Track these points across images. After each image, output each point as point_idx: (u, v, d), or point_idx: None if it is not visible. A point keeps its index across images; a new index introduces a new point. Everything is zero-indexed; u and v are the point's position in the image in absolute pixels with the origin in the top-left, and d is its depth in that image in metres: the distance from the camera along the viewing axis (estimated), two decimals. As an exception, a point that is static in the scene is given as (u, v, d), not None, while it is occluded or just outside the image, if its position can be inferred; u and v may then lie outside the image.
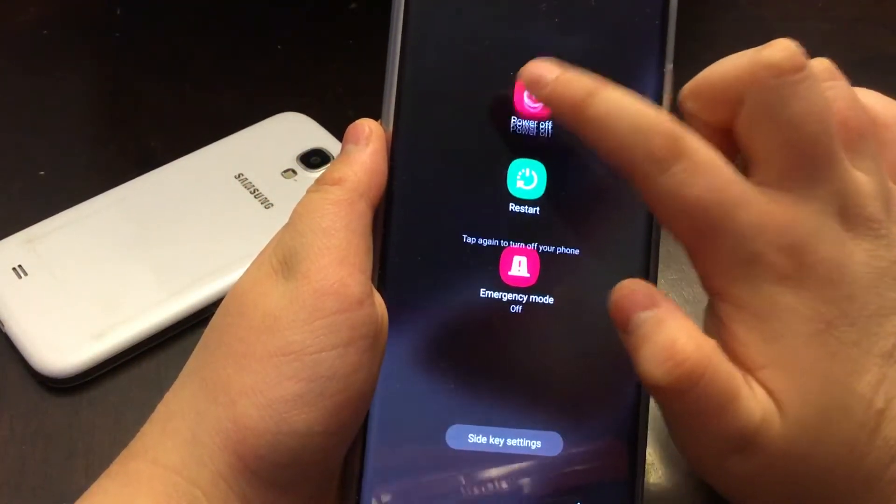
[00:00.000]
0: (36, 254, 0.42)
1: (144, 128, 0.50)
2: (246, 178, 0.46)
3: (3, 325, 0.40)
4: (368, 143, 0.29)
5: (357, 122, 0.30)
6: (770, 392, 0.27)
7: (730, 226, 0.27)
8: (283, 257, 0.28)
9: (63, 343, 0.39)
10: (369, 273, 0.28)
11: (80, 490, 0.27)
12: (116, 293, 0.40)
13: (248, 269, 0.29)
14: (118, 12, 0.57)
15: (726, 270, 0.27)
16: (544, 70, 0.28)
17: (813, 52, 0.27)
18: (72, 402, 0.38)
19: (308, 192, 0.29)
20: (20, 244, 0.42)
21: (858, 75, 0.28)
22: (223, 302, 0.29)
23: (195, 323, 0.40)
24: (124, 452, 0.28)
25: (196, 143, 0.47)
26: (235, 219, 0.44)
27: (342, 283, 0.27)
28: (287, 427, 0.26)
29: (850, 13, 0.60)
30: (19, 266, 0.41)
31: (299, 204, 0.29)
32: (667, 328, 0.27)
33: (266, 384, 0.26)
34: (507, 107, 0.30)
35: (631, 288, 0.28)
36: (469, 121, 0.30)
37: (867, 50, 0.56)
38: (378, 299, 0.28)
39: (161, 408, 0.28)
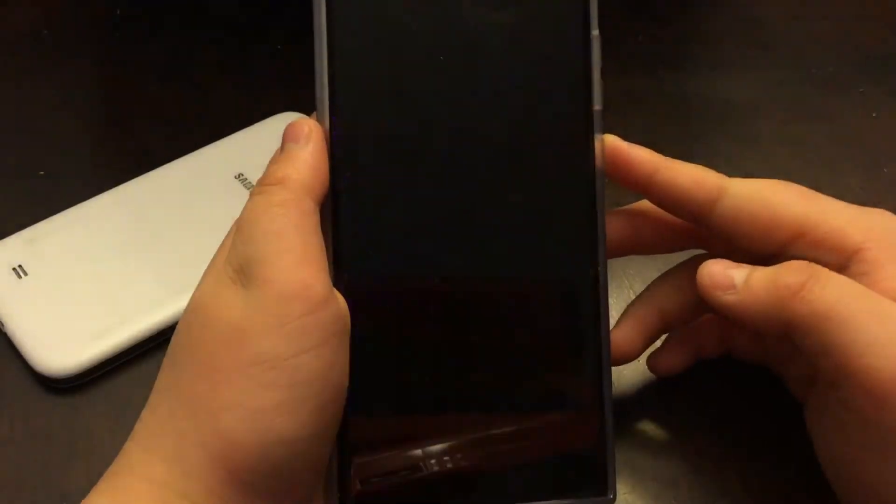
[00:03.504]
0: (36, 254, 0.42)
1: (144, 128, 0.50)
2: (246, 178, 0.46)
3: (3, 325, 0.40)
4: (308, 141, 0.29)
5: (295, 121, 0.29)
6: None
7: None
8: (238, 266, 0.27)
9: (63, 343, 0.39)
10: (328, 270, 0.27)
11: (81, 490, 0.27)
12: (116, 293, 0.40)
13: (202, 282, 0.29)
14: (118, 12, 0.57)
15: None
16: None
17: (813, 52, 0.27)
18: (72, 402, 0.38)
19: (252, 195, 0.28)
20: (20, 244, 0.42)
21: (858, 75, 0.28)
22: (183, 317, 0.28)
23: (195, 323, 0.40)
24: (110, 470, 0.27)
25: (196, 143, 0.47)
26: (235, 219, 0.44)
27: (305, 285, 0.26)
28: (275, 436, 0.26)
29: (850, 13, 0.59)
30: (19, 266, 0.41)
31: (245, 209, 0.28)
32: (766, 269, 0.29)
33: (246, 396, 0.26)
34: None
35: (716, 262, 0.30)
36: (405, 109, 0.30)
37: (867, 50, 0.56)
38: (338, 294, 0.28)
39: (139, 427, 0.28)
